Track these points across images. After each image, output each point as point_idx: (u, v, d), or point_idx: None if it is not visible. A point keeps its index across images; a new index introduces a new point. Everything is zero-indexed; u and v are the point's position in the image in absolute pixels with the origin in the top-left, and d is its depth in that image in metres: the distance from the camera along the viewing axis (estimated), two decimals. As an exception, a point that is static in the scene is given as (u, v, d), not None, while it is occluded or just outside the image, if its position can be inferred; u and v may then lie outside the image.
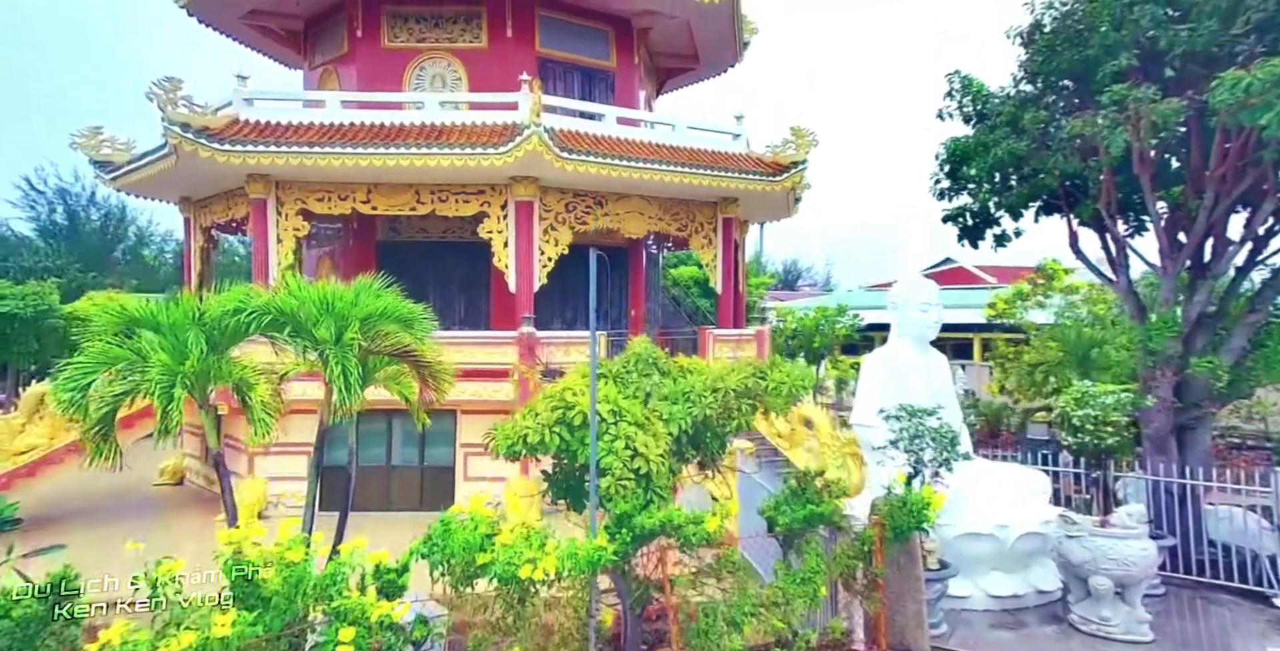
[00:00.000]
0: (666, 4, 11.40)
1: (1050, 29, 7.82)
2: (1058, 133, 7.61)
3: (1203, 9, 6.60)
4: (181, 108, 8.82)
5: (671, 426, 4.60)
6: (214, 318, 4.92)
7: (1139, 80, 7.08)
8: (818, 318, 21.17)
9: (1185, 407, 7.62)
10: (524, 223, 9.91)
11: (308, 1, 11.57)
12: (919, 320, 6.87)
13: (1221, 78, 6.15)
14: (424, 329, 5.51)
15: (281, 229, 9.91)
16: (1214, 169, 7.11)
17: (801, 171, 11.25)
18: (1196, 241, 7.58)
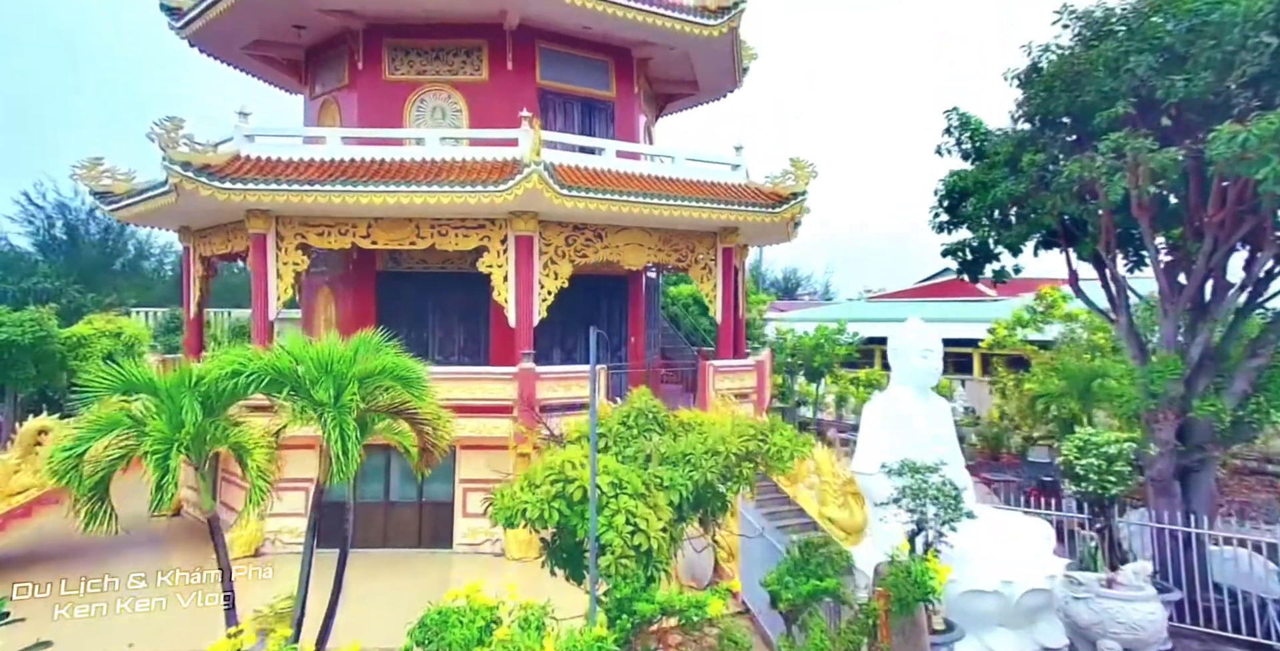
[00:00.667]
0: (667, 36, 11.48)
1: (1048, 72, 7.87)
2: (1056, 175, 7.63)
3: (1198, 60, 6.65)
4: (183, 147, 8.84)
5: (672, 494, 4.56)
6: (211, 381, 4.89)
7: (1136, 127, 7.12)
8: (818, 336, 21.18)
9: (1188, 450, 7.59)
10: (524, 257, 9.91)
11: (309, 33, 11.64)
12: (920, 367, 6.85)
13: (1218, 131, 6.18)
14: (423, 386, 5.48)
15: (281, 263, 9.90)
16: (1212, 215, 7.13)
17: (801, 202, 11.28)
18: (1196, 284, 7.58)
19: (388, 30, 11.13)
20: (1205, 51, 6.60)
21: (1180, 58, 6.87)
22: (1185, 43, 6.77)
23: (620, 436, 5.24)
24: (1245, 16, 6.32)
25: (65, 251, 32.63)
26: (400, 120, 11.33)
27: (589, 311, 11.95)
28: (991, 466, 16.73)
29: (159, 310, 25.96)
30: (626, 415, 5.71)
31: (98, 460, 4.79)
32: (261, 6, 10.31)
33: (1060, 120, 8.25)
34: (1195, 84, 6.62)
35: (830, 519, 8.82)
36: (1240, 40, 6.34)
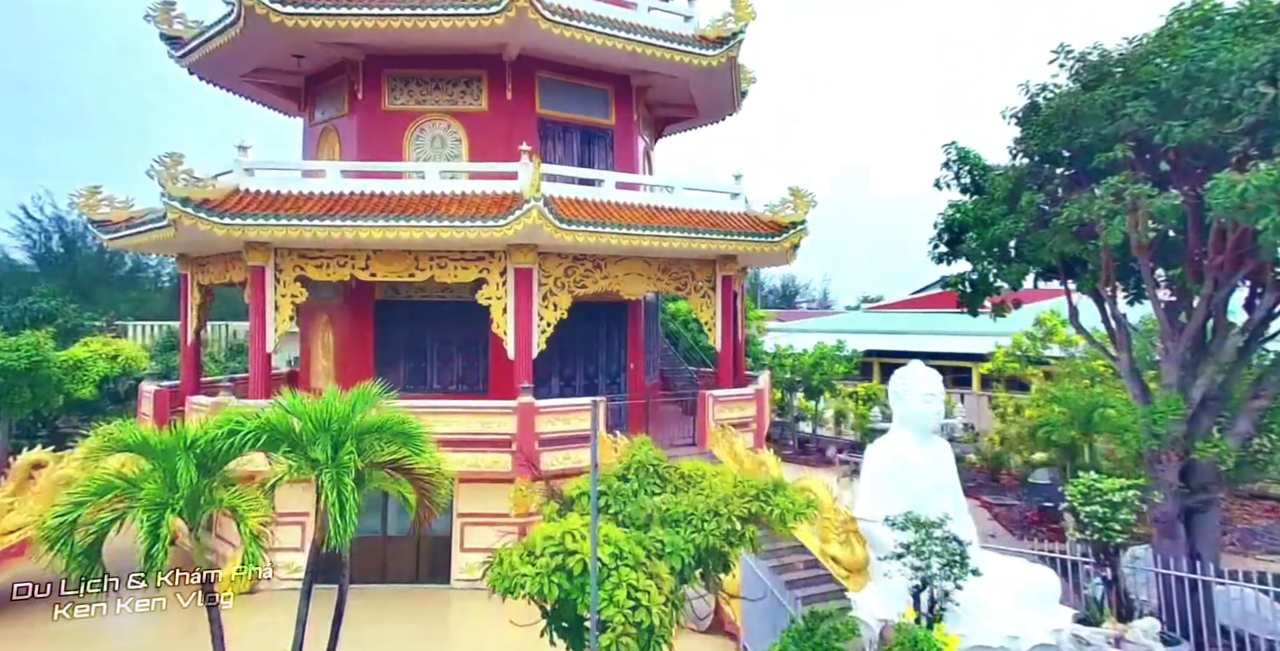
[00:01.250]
0: (666, 67, 11.54)
1: (1046, 112, 7.90)
2: (1055, 215, 7.64)
3: (1195, 105, 6.68)
4: (182, 182, 8.83)
5: (674, 560, 4.51)
6: (208, 441, 4.83)
7: (1135, 170, 7.14)
8: (816, 354, 21.19)
9: (1193, 492, 7.55)
10: (523, 289, 9.89)
11: (309, 62, 11.68)
12: (922, 411, 6.81)
13: (1217, 179, 6.19)
14: (423, 441, 5.42)
15: (279, 295, 9.87)
16: (1212, 258, 7.13)
17: (801, 231, 11.30)
18: (1197, 324, 7.57)
19: (387, 60, 11.17)
20: (1202, 98, 6.63)
21: (1177, 103, 6.89)
22: (1182, 88, 6.80)
23: (620, 493, 5.18)
24: (1241, 65, 6.36)
25: (62, 264, 32.63)
26: (400, 150, 11.35)
27: (588, 338, 11.93)
28: (991, 488, 16.62)
29: (156, 324, 25.90)
30: (627, 467, 5.66)
31: (89, 523, 4.73)
32: (262, 39, 10.34)
33: (1059, 155, 8.28)
34: (1193, 130, 6.65)
35: (832, 556, 8.76)
36: (1237, 89, 6.37)
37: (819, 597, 8.07)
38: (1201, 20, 7.36)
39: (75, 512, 4.56)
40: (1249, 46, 6.60)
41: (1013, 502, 15.24)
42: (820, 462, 20.00)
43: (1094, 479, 6.80)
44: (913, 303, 41.59)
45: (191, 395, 11.95)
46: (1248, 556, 11.23)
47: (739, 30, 11.41)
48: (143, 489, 4.63)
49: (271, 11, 9.43)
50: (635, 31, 10.79)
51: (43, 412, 16.07)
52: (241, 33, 10.10)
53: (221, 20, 10.50)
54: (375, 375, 11.47)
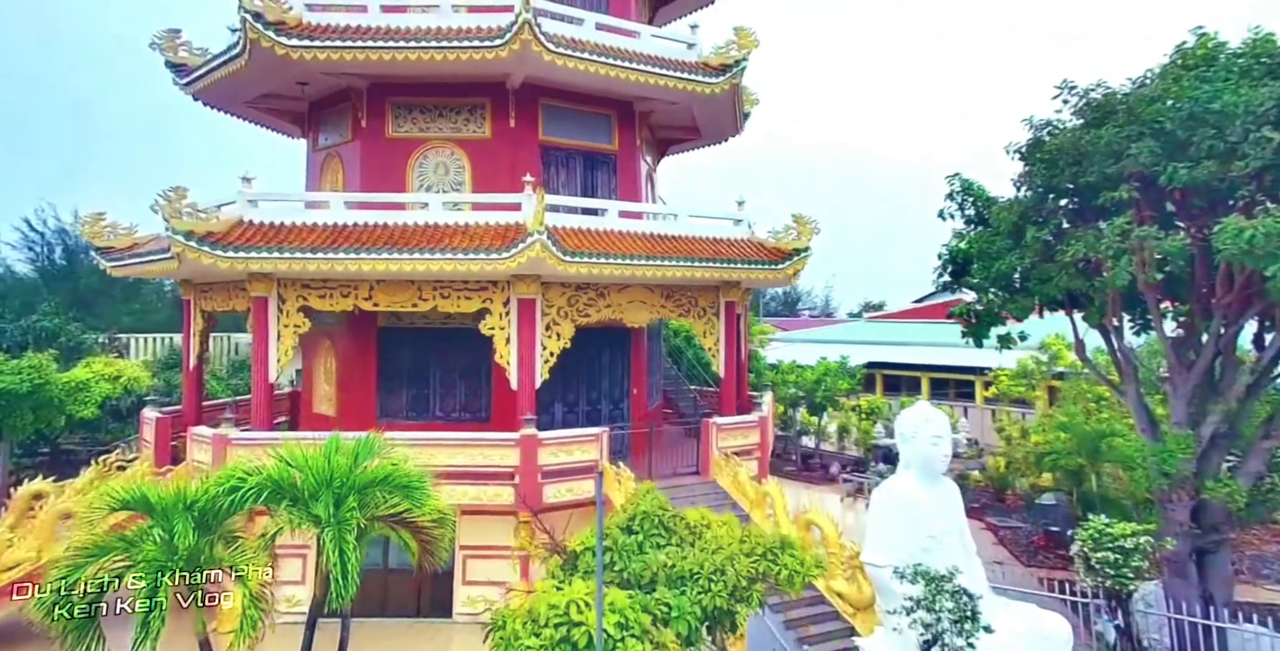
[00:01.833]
0: (669, 94, 11.56)
1: (1050, 148, 7.88)
2: (1061, 252, 7.60)
3: (1200, 147, 6.66)
4: (186, 216, 8.84)
5: (680, 625, 4.44)
6: (209, 499, 4.79)
7: (1141, 209, 7.11)
8: (819, 371, 21.14)
9: (1204, 532, 7.46)
10: (526, 319, 9.87)
11: (313, 89, 11.72)
12: (929, 453, 6.73)
13: (1224, 224, 6.16)
14: (426, 494, 5.37)
15: (282, 325, 9.85)
16: (1220, 297, 7.09)
17: (804, 258, 11.28)
18: (1206, 362, 7.51)
19: (391, 88, 11.21)
20: (1207, 140, 6.61)
21: (1182, 143, 6.87)
22: (1186, 129, 6.78)
23: (625, 548, 5.13)
24: (1246, 109, 6.34)
25: (65, 276, 32.71)
26: (403, 176, 11.36)
27: (591, 364, 11.89)
28: (996, 509, 16.44)
29: (159, 337, 25.90)
30: (631, 518, 5.61)
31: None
32: (267, 70, 10.38)
33: (1063, 189, 8.25)
34: (1198, 172, 6.62)
35: (838, 593, 8.66)
36: (1242, 133, 6.35)
37: (823, 638, 7.98)
38: (1205, 59, 7.36)
39: (73, 576, 4.51)
40: (1253, 89, 6.60)
41: (1018, 525, 15.07)
42: (823, 480, 19.88)
43: (1104, 523, 6.72)
44: (915, 312, 41.49)
45: (194, 424, 11.94)
46: (1258, 586, 11.10)
47: (742, 58, 11.45)
48: (141, 549, 4.58)
49: (277, 44, 9.48)
50: (638, 60, 10.82)
51: (44, 431, 16.05)
52: (246, 65, 10.15)
53: (226, 51, 10.55)
54: (377, 402, 11.49)
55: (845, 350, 35.91)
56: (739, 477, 10.18)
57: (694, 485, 10.40)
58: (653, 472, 10.67)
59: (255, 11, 9.39)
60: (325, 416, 12.04)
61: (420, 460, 9.14)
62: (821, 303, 65.12)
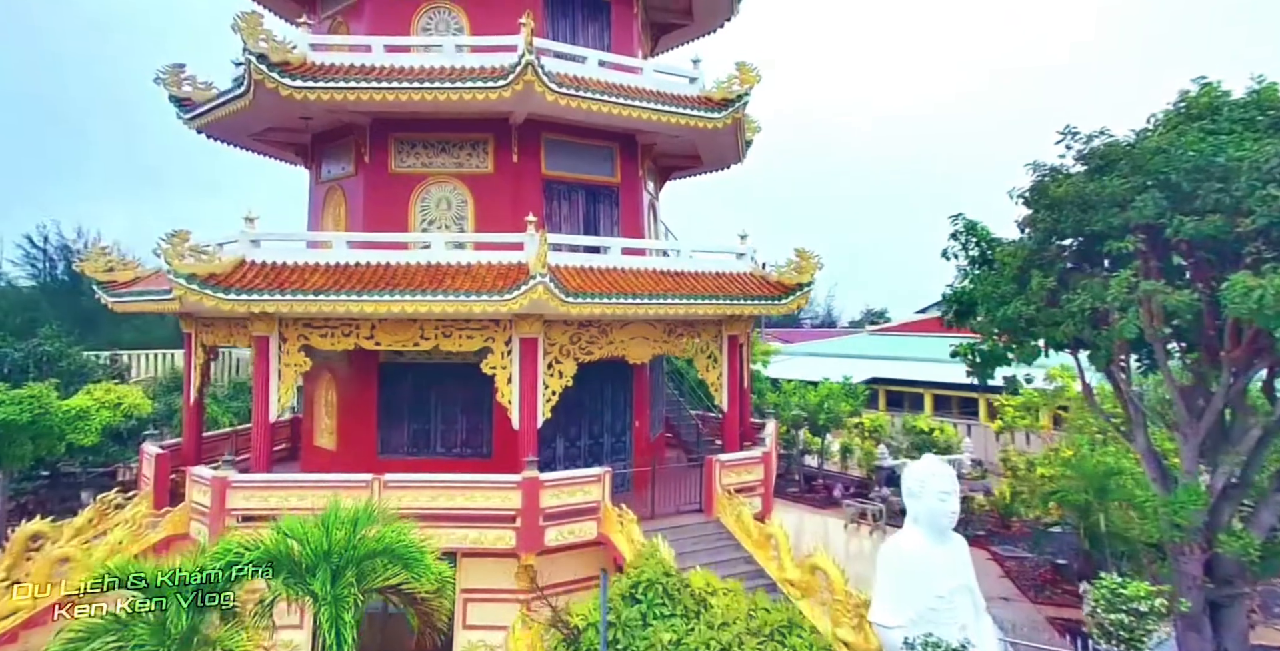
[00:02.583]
0: (671, 129, 11.58)
1: (1054, 196, 7.86)
2: (1069, 300, 7.54)
3: (1206, 200, 6.63)
4: (188, 258, 8.83)
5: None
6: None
7: (1147, 261, 7.07)
8: (822, 393, 21.05)
9: (1217, 585, 7.34)
10: (528, 358, 9.82)
11: (317, 123, 11.75)
12: (937, 509, 6.67)
13: (1232, 281, 6.11)
14: (425, 566, 5.29)
15: (283, 364, 9.82)
16: (1229, 350, 7.03)
17: (808, 292, 11.26)
18: (1216, 413, 7.44)
19: (394, 124, 11.24)
20: (1212, 194, 6.58)
21: (1187, 195, 6.85)
22: (1191, 182, 6.76)
23: (628, 624, 5.04)
24: (1251, 165, 6.32)
25: (67, 292, 32.78)
26: (406, 211, 11.36)
27: (593, 397, 11.82)
28: (1001, 537, 16.24)
29: (161, 354, 25.86)
30: (634, 585, 5.53)
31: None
32: (270, 108, 10.42)
33: (1068, 233, 8.21)
34: (1204, 226, 6.59)
35: (845, 642, 8.53)
36: (1248, 189, 6.32)
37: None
38: (1208, 107, 7.35)
39: (71, 659, 4.43)
40: (1257, 142, 6.58)
41: (1025, 555, 14.87)
42: (826, 503, 19.70)
43: (1117, 583, 6.61)
44: (917, 325, 41.41)
45: (194, 458, 11.89)
46: (1271, 627, 10.93)
47: (744, 93, 11.47)
48: (133, 631, 4.50)
49: (281, 85, 9.51)
50: (640, 97, 10.85)
51: (44, 459, 15.97)
52: (250, 104, 10.19)
53: (230, 90, 10.60)
54: (378, 437, 11.42)
55: (847, 364, 35.83)
56: (742, 517, 10.07)
57: (697, 525, 10.30)
58: (655, 511, 10.59)
59: (260, 53, 9.43)
60: (326, 450, 11.98)
61: (421, 502, 9.24)
62: (823, 312, 65.06)
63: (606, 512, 9.60)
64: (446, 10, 11.50)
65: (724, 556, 9.62)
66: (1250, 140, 6.66)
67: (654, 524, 10.12)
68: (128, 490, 16.71)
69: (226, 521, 9.15)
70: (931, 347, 30.89)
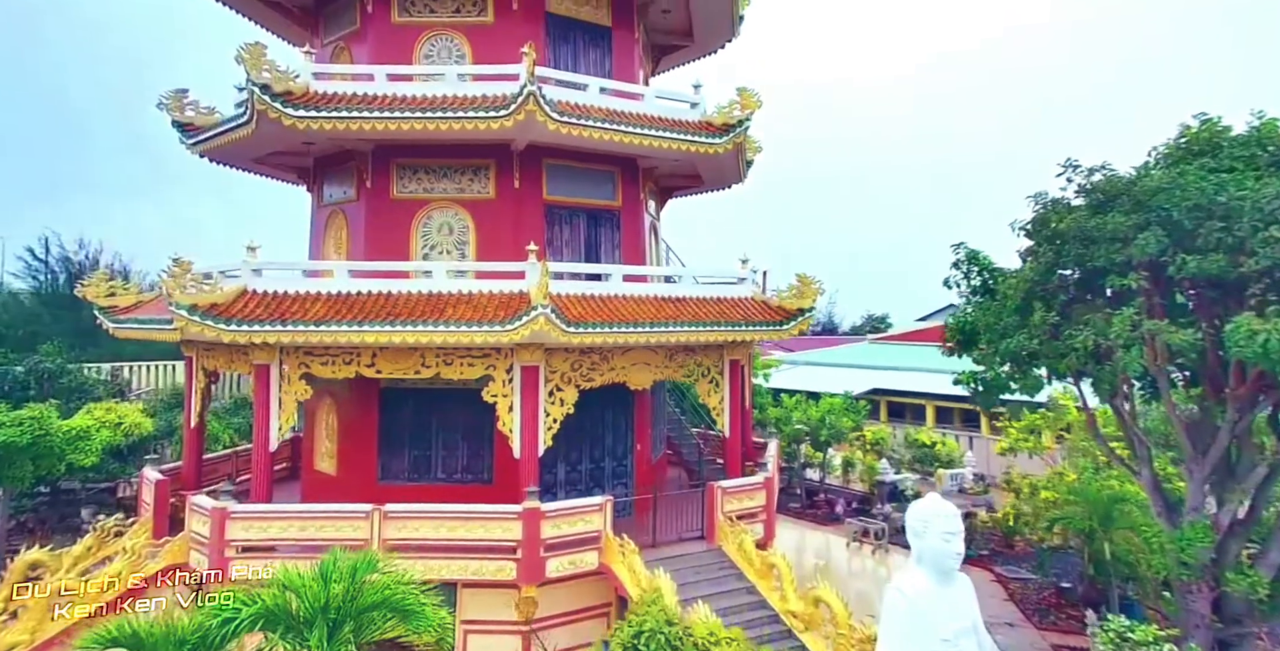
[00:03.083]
0: (673, 154, 11.61)
1: (1055, 230, 7.86)
2: (1071, 336, 7.52)
3: (1208, 239, 6.62)
4: (190, 289, 8.84)
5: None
6: (200, 636, 4.67)
7: (1150, 298, 7.06)
8: (823, 410, 21.00)
9: (1226, 624, 7.28)
10: (529, 387, 9.80)
11: (318, 148, 11.80)
12: (941, 550, 6.56)
13: (1236, 323, 6.09)
14: (425, 619, 5.25)
15: (284, 393, 9.80)
16: (1234, 388, 7.00)
17: (808, 318, 11.25)
18: (1221, 449, 7.40)
19: (396, 150, 11.27)
20: (1215, 232, 6.58)
21: (1190, 232, 6.84)
22: (1193, 219, 6.76)
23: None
24: (1254, 205, 6.31)
25: (68, 305, 32.83)
26: (407, 236, 11.38)
27: (594, 422, 11.78)
28: (1004, 556, 16.11)
29: (162, 365, 25.84)
30: (637, 635, 5.49)
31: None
32: (273, 137, 10.47)
33: (1071, 266, 8.20)
34: (1207, 264, 6.58)
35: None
36: (1250, 229, 6.31)
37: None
38: (1209, 142, 7.36)
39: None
40: (1259, 180, 6.58)
41: (1029, 577, 14.76)
42: (828, 520, 19.60)
43: (1125, 626, 6.55)
44: (918, 335, 41.36)
45: (194, 482, 11.85)
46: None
47: (745, 118, 11.51)
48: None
49: (284, 115, 9.55)
50: (641, 123, 10.88)
51: (45, 477, 15.94)
52: (253, 132, 10.23)
53: (233, 118, 10.64)
54: (379, 463, 11.38)
55: (848, 375, 35.72)
56: (744, 546, 10.01)
57: (700, 554, 10.24)
58: (657, 538, 10.53)
59: (263, 84, 9.48)
60: (326, 475, 11.94)
61: (422, 533, 9.20)
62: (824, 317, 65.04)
63: (608, 542, 9.55)
64: (449, 37, 11.56)
65: (726, 587, 9.56)
66: (1252, 178, 6.66)
67: (656, 553, 10.06)
68: (128, 507, 16.74)
69: (226, 552, 9.11)
70: (933, 358, 30.76)
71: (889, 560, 16.04)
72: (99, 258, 34.97)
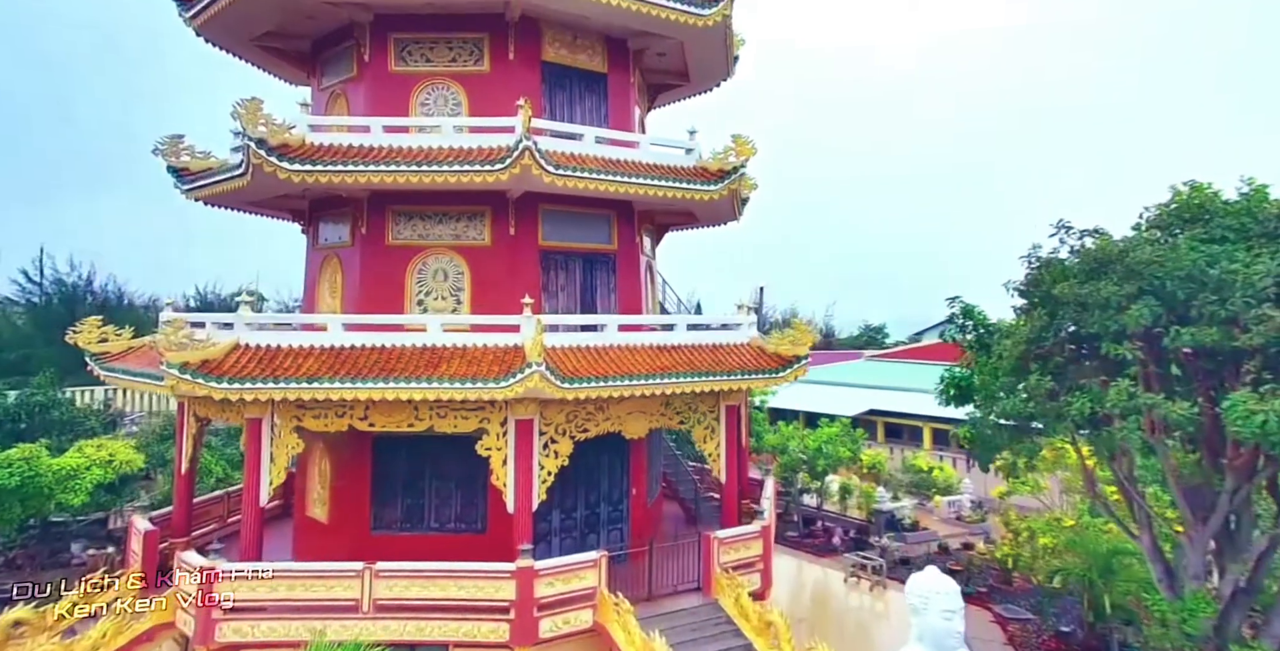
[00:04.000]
0: (668, 202, 11.65)
1: (1049, 293, 7.86)
2: (1066, 405, 7.49)
3: (1202, 312, 6.63)
4: (183, 347, 8.77)
5: None
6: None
7: (1145, 365, 7.05)
8: (820, 439, 20.91)
9: (1227, 698, 7.19)
10: (524, 440, 9.72)
11: (314, 192, 11.79)
12: (941, 628, 6.53)
13: (1233, 401, 6.08)
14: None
15: (276, 446, 9.70)
16: (1231, 459, 6.97)
17: (804, 366, 11.22)
18: (1221, 518, 7.35)
19: (392, 197, 11.27)
20: (1208, 306, 6.58)
21: (1183, 303, 6.85)
22: (1186, 291, 6.77)
23: None
24: (1245, 281, 6.33)
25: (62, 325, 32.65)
26: (402, 282, 11.34)
27: (589, 468, 11.68)
28: (1003, 593, 15.91)
29: (156, 388, 25.56)
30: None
31: None
32: (269, 186, 10.46)
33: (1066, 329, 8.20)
34: (1201, 337, 6.58)
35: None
36: (1243, 305, 6.32)
37: None
38: (1199, 209, 7.40)
39: None
40: (1250, 252, 6.60)
41: (1028, 616, 14.56)
42: (825, 551, 19.38)
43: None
44: (915, 352, 41.44)
45: (184, 530, 11.66)
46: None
47: (740, 164, 11.56)
48: None
49: (279, 169, 9.55)
50: (636, 172, 10.92)
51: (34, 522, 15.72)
52: (248, 184, 10.23)
53: (228, 168, 10.65)
54: (371, 512, 11.25)
55: (845, 394, 35.60)
56: (741, 600, 9.89)
57: (697, 608, 10.10)
58: (652, 590, 10.41)
59: (259, 138, 9.49)
60: (318, 523, 11.79)
61: (412, 593, 9.06)
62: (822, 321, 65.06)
63: (603, 600, 9.42)
64: (445, 86, 11.63)
65: (723, 645, 9.43)
66: (1243, 250, 6.68)
67: (652, 607, 9.93)
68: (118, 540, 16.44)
69: (213, 613, 8.95)
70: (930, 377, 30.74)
71: (886, 596, 15.88)
72: (92, 278, 34.90)
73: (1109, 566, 10.21)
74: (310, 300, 12.75)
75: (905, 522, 21.05)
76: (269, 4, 10.99)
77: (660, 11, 11.26)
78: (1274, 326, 6.09)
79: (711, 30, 11.99)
